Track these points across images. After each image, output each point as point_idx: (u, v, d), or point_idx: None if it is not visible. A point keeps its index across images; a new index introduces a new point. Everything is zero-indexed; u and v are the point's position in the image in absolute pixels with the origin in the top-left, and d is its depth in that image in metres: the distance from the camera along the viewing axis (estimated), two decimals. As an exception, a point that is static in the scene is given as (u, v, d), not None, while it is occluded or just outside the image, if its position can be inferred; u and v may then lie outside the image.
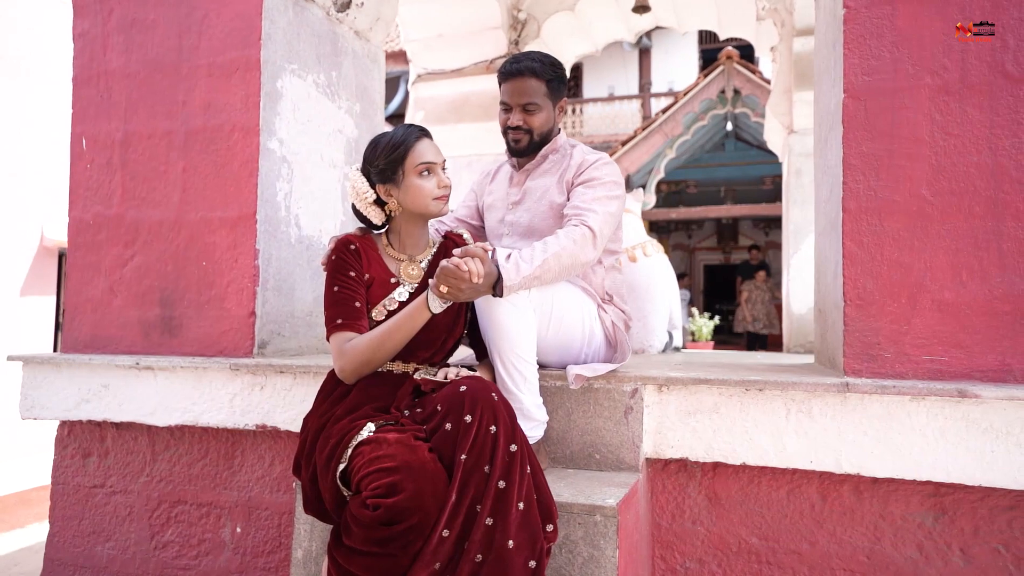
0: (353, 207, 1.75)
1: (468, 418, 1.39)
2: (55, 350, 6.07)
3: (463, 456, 1.37)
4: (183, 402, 2.35)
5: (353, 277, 1.69)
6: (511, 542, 1.34)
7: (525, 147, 2.06)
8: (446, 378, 1.61)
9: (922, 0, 1.79)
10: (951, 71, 1.75)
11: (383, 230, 1.81)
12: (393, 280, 1.74)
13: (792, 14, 4.49)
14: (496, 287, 1.65)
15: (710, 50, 15.59)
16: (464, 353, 2.12)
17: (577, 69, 16.26)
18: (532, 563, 1.36)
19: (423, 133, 1.73)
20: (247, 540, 2.35)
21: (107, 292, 2.58)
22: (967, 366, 1.70)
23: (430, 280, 1.61)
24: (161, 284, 2.50)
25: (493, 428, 1.40)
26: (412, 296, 1.73)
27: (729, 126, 10.82)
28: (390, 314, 1.70)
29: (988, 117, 1.72)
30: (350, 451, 1.46)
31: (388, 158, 1.68)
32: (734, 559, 1.87)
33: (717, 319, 7.92)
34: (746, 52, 13.16)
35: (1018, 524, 1.66)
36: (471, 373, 1.62)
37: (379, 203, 1.73)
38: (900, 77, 1.79)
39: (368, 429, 1.48)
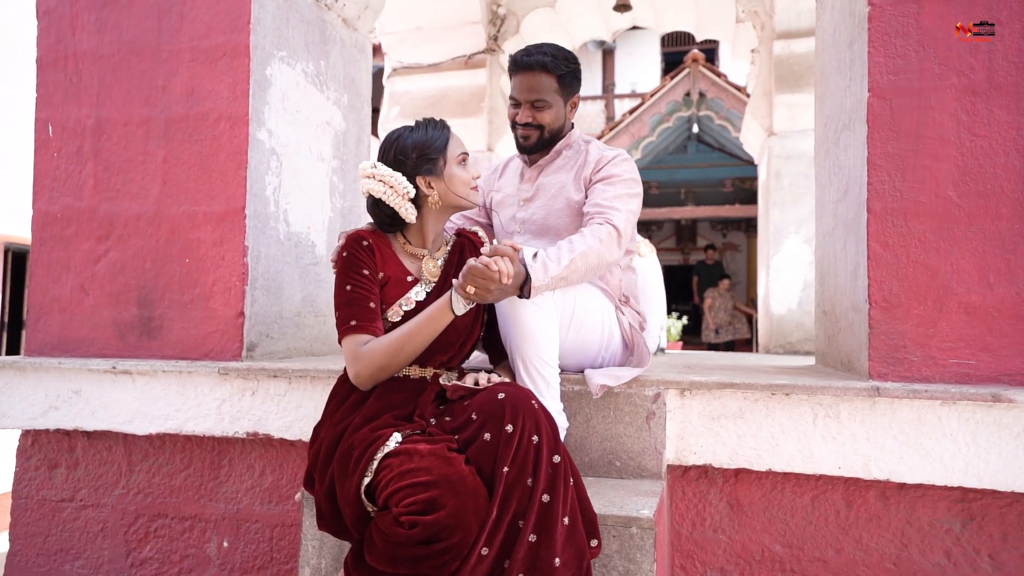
0: (374, 204, 1.62)
1: (509, 428, 1.30)
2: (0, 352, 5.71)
3: (505, 468, 1.28)
4: (166, 409, 2.19)
5: (367, 275, 1.58)
6: (558, 560, 1.25)
7: (534, 144, 1.98)
8: (476, 384, 1.51)
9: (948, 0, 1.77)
10: (978, 71, 1.74)
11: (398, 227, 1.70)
12: (410, 279, 1.64)
13: (772, 17, 4.51)
14: (523, 288, 1.56)
15: (672, 53, 15.76)
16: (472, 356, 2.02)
17: (541, 69, 16.15)
18: (578, 581, 1.28)
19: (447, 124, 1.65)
20: (235, 555, 2.20)
21: (78, 290, 2.40)
22: (995, 369, 1.69)
23: (454, 280, 1.51)
24: (139, 282, 2.33)
25: (535, 438, 1.31)
26: (429, 296, 1.63)
27: (695, 128, 10.92)
28: (407, 315, 1.60)
29: (1015, 118, 1.71)
30: (376, 464, 1.35)
31: (430, 147, 1.59)
32: (757, 568, 1.82)
33: (685, 319, 7.97)
34: (709, 55, 13.34)
35: (1046, 528, 1.65)
36: (504, 379, 1.53)
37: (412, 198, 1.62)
38: (926, 77, 1.77)
39: (394, 439, 1.37)
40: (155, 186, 2.34)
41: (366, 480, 1.35)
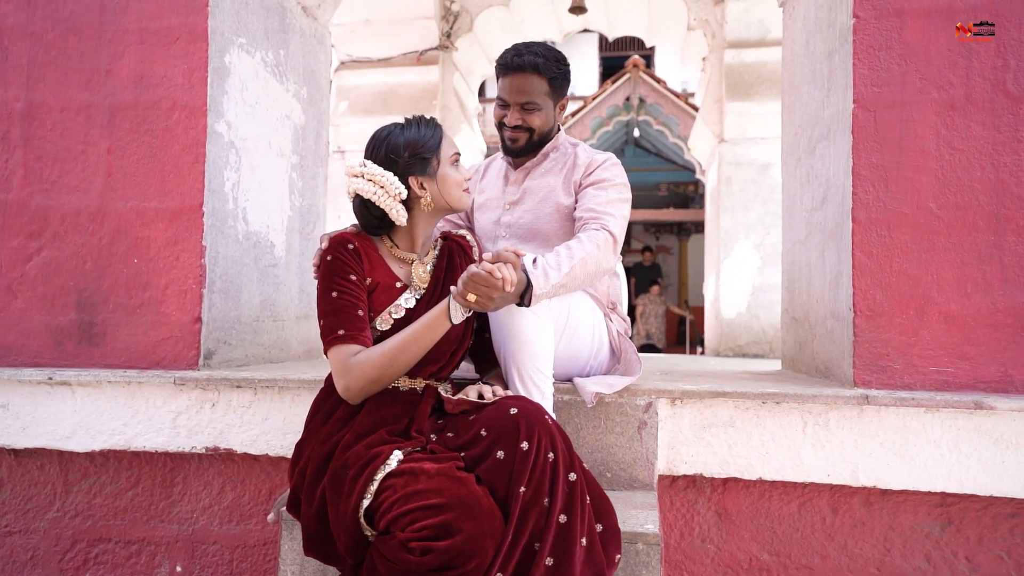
0: (361, 206, 1.52)
1: (525, 445, 1.23)
2: None
3: (522, 488, 1.20)
4: (112, 423, 2.00)
5: (354, 281, 1.48)
6: (576, 584, 1.19)
7: (522, 147, 1.91)
8: (481, 397, 1.43)
9: (928, 15, 1.81)
10: (956, 87, 1.79)
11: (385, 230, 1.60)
12: (399, 285, 1.54)
13: (723, 26, 4.60)
14: (523, 296, 1.49)
15: (610, 58, 15.98)
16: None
17: (479, 68, 16.08)
18: (596, 605, 1.22)
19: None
20: (190, 581, 2.03)
21: (4, 292, 2.17)
22: (971, 377, 1.74)
23: (452, 287, 1.43)
24: (78, 284, 2.13)
25: (551, 455, 1.24)
26: (419, 303, 1.54)
27: (636, 132, 11.10)
28: (396, 323, 1.50)
29: (991, 134, 1.77)
30: (376, 484, 1.25)
31: (423, 146, 1.50)
32: (744, 576, 1.82)
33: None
34: (647, 61, 13.59)
35: (1019, 531, 1.71)
36: (510, 392, 1.46)
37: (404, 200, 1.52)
38: (908, 90, 1.81)
39: (395, 458, 1.28)
40: (98, 179, 2.14)
41: (365, 502, 1.25)
